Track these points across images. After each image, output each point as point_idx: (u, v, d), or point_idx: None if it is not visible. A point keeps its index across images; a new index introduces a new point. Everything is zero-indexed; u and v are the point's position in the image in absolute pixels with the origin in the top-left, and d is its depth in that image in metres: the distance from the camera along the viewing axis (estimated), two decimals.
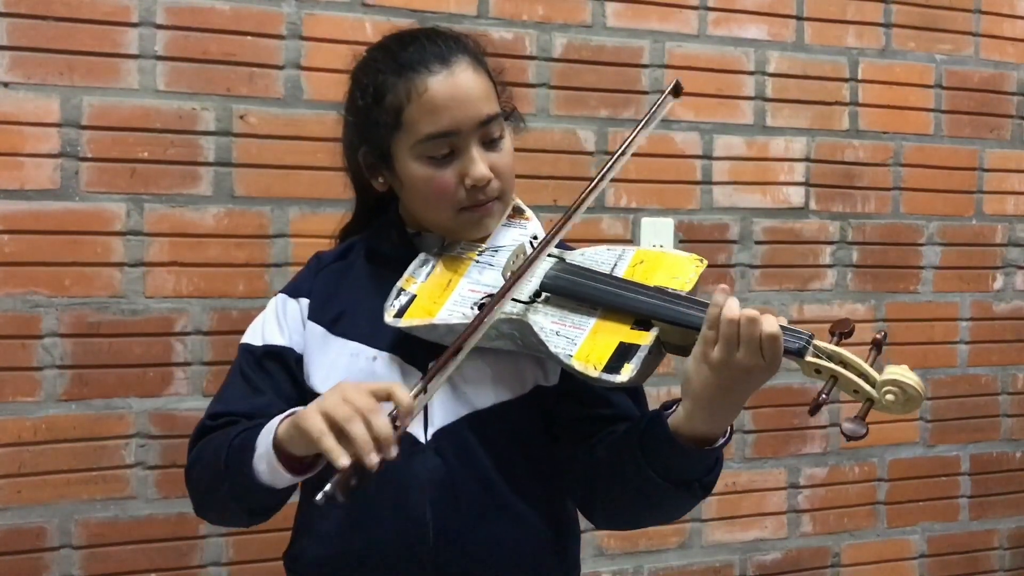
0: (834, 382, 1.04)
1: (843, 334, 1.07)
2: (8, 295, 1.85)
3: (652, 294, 1.14)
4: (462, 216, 1.24)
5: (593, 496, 1.23)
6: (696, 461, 1.10)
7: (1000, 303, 2.66)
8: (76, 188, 1.89)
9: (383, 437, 0.97)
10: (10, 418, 1.86)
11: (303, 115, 2.02)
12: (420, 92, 1.19)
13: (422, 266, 1.26)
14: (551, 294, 1.18)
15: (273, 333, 1.29)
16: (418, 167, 1.21)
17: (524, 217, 1.31)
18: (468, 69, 1.21)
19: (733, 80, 2.37)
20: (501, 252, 1.25)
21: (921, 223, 2.57)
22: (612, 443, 1.18)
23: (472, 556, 1.20)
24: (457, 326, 1.16)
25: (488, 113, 1.21)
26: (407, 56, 1.22)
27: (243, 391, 1.27)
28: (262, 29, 1.99)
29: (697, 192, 2.34)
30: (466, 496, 1.20)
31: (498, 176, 1.23)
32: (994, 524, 2.69)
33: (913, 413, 0.99)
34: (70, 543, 1.90)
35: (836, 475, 2.50)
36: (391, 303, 1.22)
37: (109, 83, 1.90)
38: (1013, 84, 2.65)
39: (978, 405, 2.65)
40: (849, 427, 1.01)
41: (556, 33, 2.21)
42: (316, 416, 1.00)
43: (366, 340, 1.24)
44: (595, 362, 1.10)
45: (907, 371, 1.02)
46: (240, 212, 1.99)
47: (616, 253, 1.24)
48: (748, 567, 2.42)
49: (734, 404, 1.07)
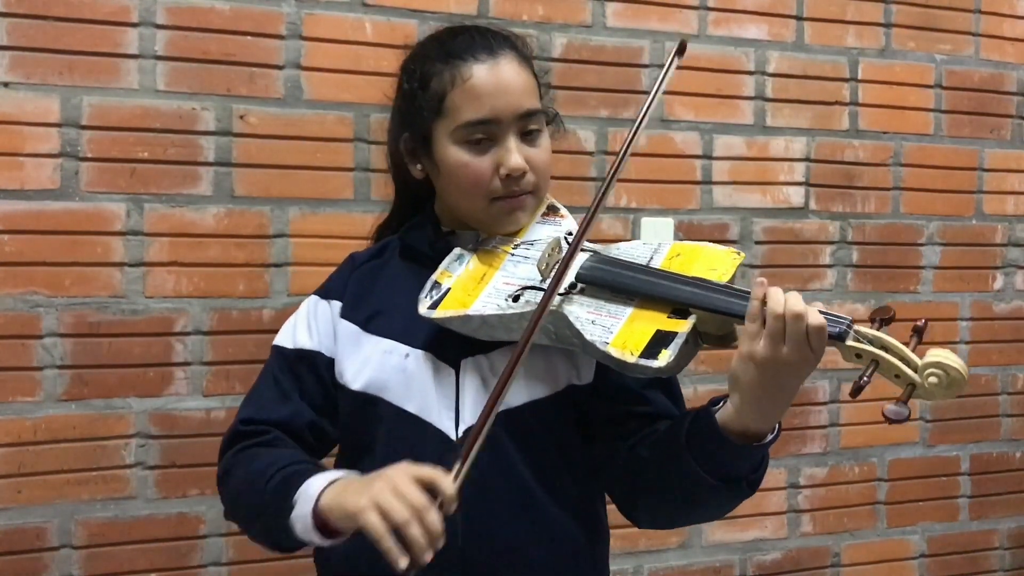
0: (875, 366, 1.03)
1: (884, 320, 1.07)
2: (8, 295, 1.85)
3: (690, 283, 1.13)
4: (494, 206, 1.24)
5: (635, 496, 1.22)
6: (745, 457, 1.09)
7: (1000, 303, 2.66)
8: (76, 188, 1.89)
9: (436, 534, 0.98)
10: (10, 418, 1.86)
11: (303, 115, 2.02)
12: (464, 79, 1.20)
13: (457, 261, 1.26)
14: (586, 285, 1.17)
15: (303, 336, 1.31)
16: (456, 152, 1.22)
17: (559, 215, 1.31)
18: (513, 62, 1.23)
19: (733, 80, 2.37)
20: (536, 246, 1.25)
21: (921, 223, 2.57)
22: (656, 441, 1.17)
23: (500, 557, 1.20)
24: (491, 318, 1.16)
25: (528, 107, 1.23)
26: (455, 45, 1.24)
27: (273, 396, 1.29)
28: (262, 29, 1.99)
29: (697, 192, 2.34)
30: (497, 495, 1.19)
31: (533, 170, 1.23)
32: (994, 524, 2.69)
33: (953, 398, 1.00)
34: (70, 543, 1.90)
35: (836, 475, 2.50)
36: (425, 295, 1.22)
37: (109, 83, 1.90)
38: (1013, 84, 2.65)
39: (978, 405, 2.65)
40: (892, 409, 1.00)
41: (556, 33, 2.21)
42: (372, 513, 1.00)
43: (399, 337, 1.25)
44: (632, 348, 1.09)
45: (950, 354, 1.01)
46: (240, 212, 1.99)
47: (652, 247, 1.24)
48: (748, 567, 2.42)
49: (784, 398, 1.07)
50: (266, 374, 1.32)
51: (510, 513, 1.20)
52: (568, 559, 1.24)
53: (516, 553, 1.20)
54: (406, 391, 1.22)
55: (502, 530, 1.20)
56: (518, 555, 1.21)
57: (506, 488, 1.20)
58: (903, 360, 1.03)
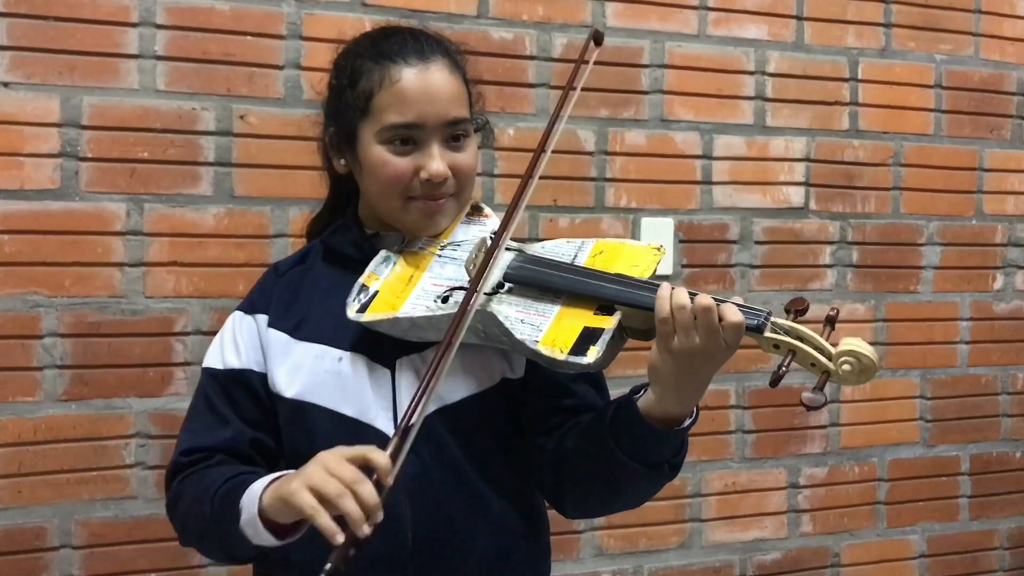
0: (792, 355, 1.08)
1: (798, 311, 1.12)
2: (8, 295, 1.85)
3: (613, 280, 1.16)
4: (411, 206, 1.25)
5: (562, 485, 1.25)
6: (666, 442, 1.13)
7: (1000, 303, 2.66)
8: (76, 188, 1.89)
9: (371, 506, 0.98)
10: (10, 418, 1.86)
11: (303, 115, 2.01)
12: (393, 81, 1.21)
13: (383, 263, 1.26)
14: (514, 284, 1.19)
15: (231, 356, 1.30)
16: (378, 151, 1.23)
17: (484, 215, 1.33)
18: (444, 69, 1.24)
19: (733, 80, 2.37)
20: (462, 246, 1.26)
21: (921, 223, 2.57)
22: (581, 431, 1.20)
23: (449, 549, 1.22)
24: (420, 319, 1.18)
25: (454, 116, 1.23)
26: (387, 46, 1.24)
27: (211, 422, 1.29)
28: (262, 29, 1.99)
29: (697, 192, 2.34)
30: (442, 489, 1.22)
31: (456, 174, 1.24)
32: (994, 524, 2.69)
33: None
34: (70, 543, 1.90)
35: (836, 475, 2.50)
36: (353, 299, 1.22)
37: (109, 83, 1.90)
38: (1013, 84, 2.65)
39: (978, 405, 2.65)
40: (808, 396, 1.06)
41: (556, 33, 2.21)
42: (304, 492, 1.01)
43: (330, 341, 1.25)
44: (561, 346, 1.12)
45: (861, 342, 1.07)
46: (240, 212, 1.99)
47: (576, 245, 1.26)
48: (748, 567, 2.42)
49: (701, 384, 1.11)
50: (199, 399, 1.32)
51: (456, 507, 1.22)
52: (513, 547, 1.27)
53: (464, 545, 1.23)
54: (342, 394, 1.23)
55: (449, 524, 1.22)
56: (465, 547, 1.23)
57: (450, 483, 1.22)
58: (818, 349, 1.08)
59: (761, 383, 2.40)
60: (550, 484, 1.27)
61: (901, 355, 2.55)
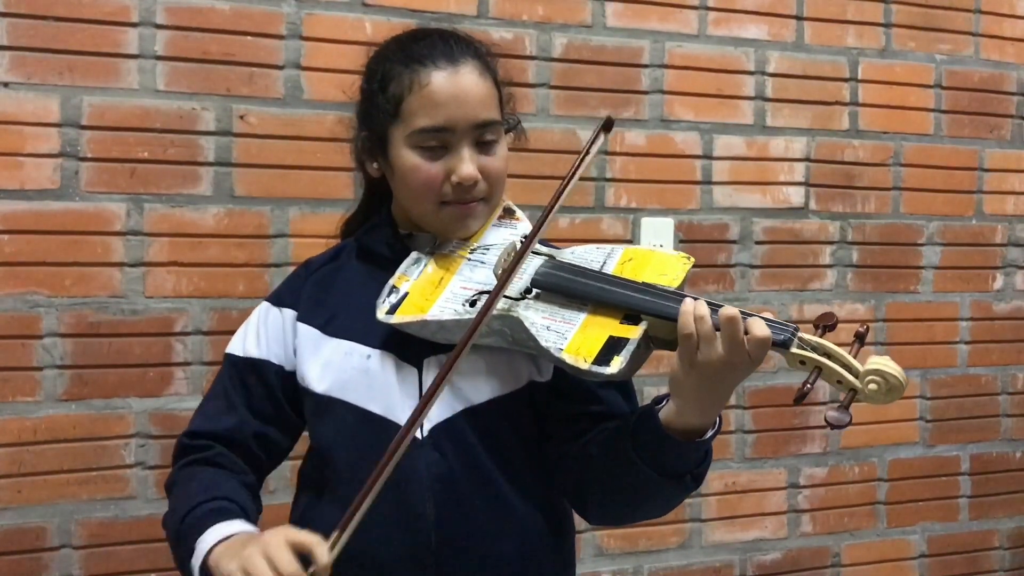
0: (819, 372, 1.06)
1: (827, 327, 1.10)
2: (8, 295, 1.85)
3: (640, 289, 1.15)
4: (444, 211, 1.25)
5: (586, 493, 1.24)
6: (687, 454, 1.12)
7: (1000, 303, 2.66)
8: (76, 188, 1.89)
9: None
10: (10, 418, 1.86)
11: (303, 115, 2.02)
12: (422, 85, 1.21)
13: (414, 264, 1.27)
14: (541, 290, 1.19)
15: (252, 345, 1.31)
16: (409, 155, 1.23)
17: (515, 218, 1.33)
18: (474, 72, 1.23)
19: (733, 80, 2.37)
20: (492, 250, 1.26)
21: (921, 223, 2.57)
22: (604, 440, 1.20)
23: (472, 552, 1.21)
24: (448, 322, 1.18)
25: (485, 118, 1.23)
26: (417, 49, 1.24)
27: (220, 407, 1.30)
28: (262, 29, 1.99)
29: (697, 192, 2.34)
30: (466, 490, 1.21)
31: (486, 178, 1.24)
32: (994, 524, 2.69)
33: (894, 403, 1.03)
34: (70, 543, 1.90)
35: (836, 475, 2.50)
36: (383, 300, 1.23)
37: (109, 83, 1.90)
38: (1013, 84, 2.65)
39: (978, 405, 2.65)
40: (833, 415, 1.04)
41: (556, 33, 2.21)
42: (238, 574, 1.02)
43: (360, 339, 1.25)
44: (585, 355, 1.11)
45: (889, 361, 1.05)
46: (240, 212, 1.99)
47: (605, 251, 1.25)
48: (748, 567, 2.42)
49: (723, 396, 1.10)
50: (217, 382, 1.34)
51: (479, 509, 1.22)
52: (537, 552, 1.26)
53: (487, 548, 1.22)
54: (369, 392, 1.23)
55: (473, 526, 1.21)
56: (489, 550, 1.22)
57: (475, 484, 1.22)
58: (845, 367, 1.06)
59: (761, 383, 2.40)
60: (573, 490, 1.26)
61: (901, 355, 2.53)
